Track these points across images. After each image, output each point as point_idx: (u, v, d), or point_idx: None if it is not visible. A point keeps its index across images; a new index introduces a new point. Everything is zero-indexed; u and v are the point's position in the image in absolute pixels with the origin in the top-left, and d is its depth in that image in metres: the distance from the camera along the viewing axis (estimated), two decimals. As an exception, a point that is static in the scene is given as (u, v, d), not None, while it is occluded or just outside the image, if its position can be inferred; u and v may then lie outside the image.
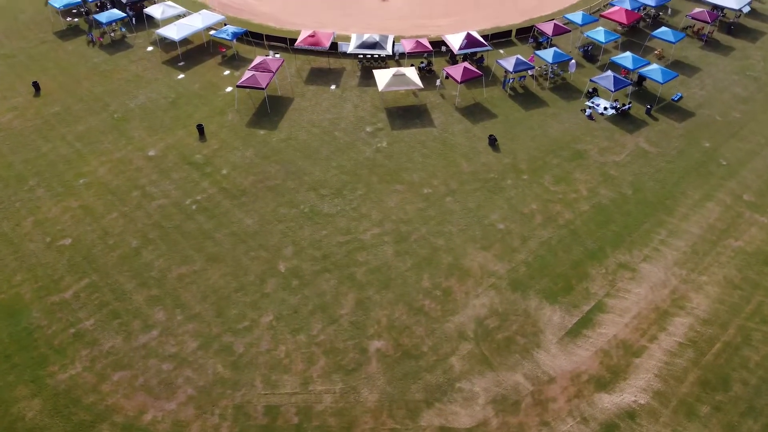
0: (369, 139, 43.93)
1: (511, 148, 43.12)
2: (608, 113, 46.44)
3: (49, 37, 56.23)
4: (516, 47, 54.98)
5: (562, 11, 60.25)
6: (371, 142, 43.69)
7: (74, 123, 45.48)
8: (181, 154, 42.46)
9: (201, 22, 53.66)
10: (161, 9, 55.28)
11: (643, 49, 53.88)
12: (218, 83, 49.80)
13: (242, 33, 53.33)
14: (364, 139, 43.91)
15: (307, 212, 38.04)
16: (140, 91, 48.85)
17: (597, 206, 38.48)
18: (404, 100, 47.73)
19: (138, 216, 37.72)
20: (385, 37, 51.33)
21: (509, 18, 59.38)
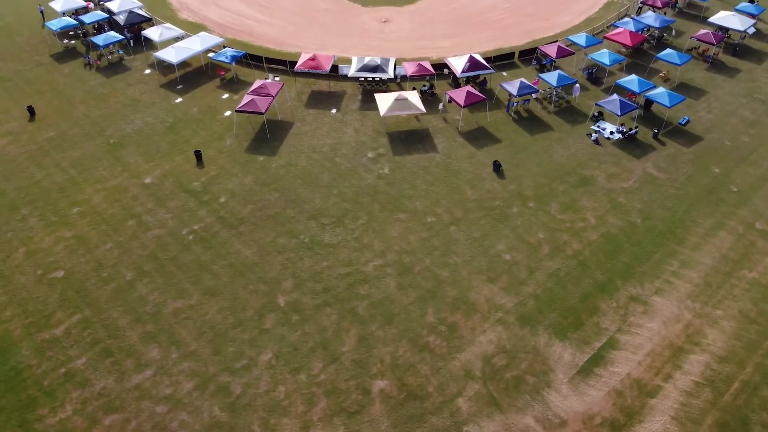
0: (370, 165, 42.93)
1: (517, 174, 42.12)
2: (615, 138, 45.53)
3: (46, 59, 55.43)
4: (519, 69, 54.22)
5: (565, 33, 59.59)
6: (373, 168, 42.69)
7: (69, 149, 44.48)
8: (177, 182, 41.42)
9: (200, 44, 52.89)
10: (159, 31, 54.53)
11: (648, 71, 53.12)
12: (217, 107, 48.90)
13: (241, 56, 52.54)
14: (365, 165, 42.92)
15: (308, 242, 36.92)
16: (137, 116, 47.92)
17: (606, 235, 37.39)
18: (406, 125, 46.82)
19: (133, 247, 36.58)
20: (386, 59, 50.55)
21: (512, 39, 58.69)
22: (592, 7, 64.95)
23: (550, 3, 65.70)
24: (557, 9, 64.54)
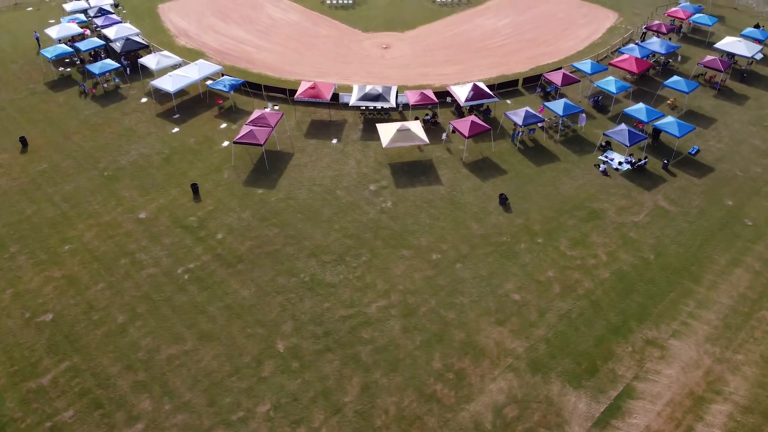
0: (373, 199, 41.59)
1: (524, 208, 40.77)
2: (623, 168, 44.28)
3: (40, 87, 54.32)
4: (523, 97, 53.15)
5: (569, 59, 58.68)
6: (375, 201, 41.33)
7: (62, 182, 43.13)
8: (173, 217, 40.00)
9: (197, 72, 51.83)
10: (156, 59, 53.50)
11: (655, 98, 52.07)
12: (214, 137, 47.67)
13: (240, 84, 51.45)
14: (367, 199, 41.57)
15: (308, 282, 35.42)
16: (132, 147, 46.66)
17: (618, 273, 35.93)
18: (409, 155, 45.57)
19: (126, 287, 35.05)
20: (388, 88, 49.45)
21: (515, 66, 57.75)
22: (595, 32, 64.17)
23: (553, 28, 64.94)
24: (560, 34, 63.75)
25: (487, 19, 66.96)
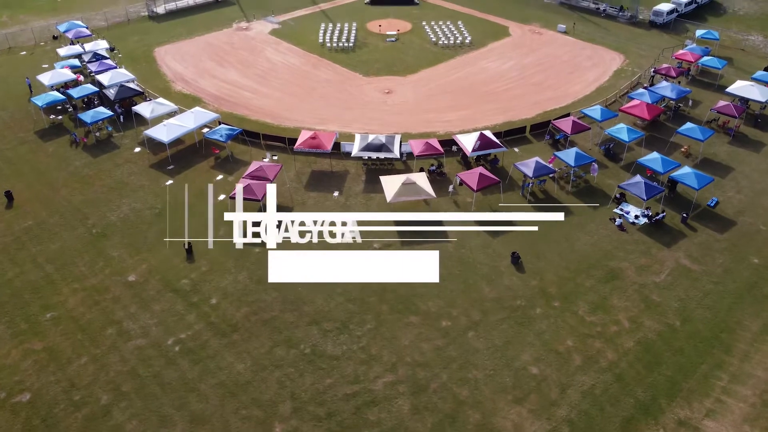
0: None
1: (538, 267, 38.37)
2: (640, 222, 42.03)
3: (30, 136, 52.28)
4: (532, 145, 51.22)
5: (577, 104, 57.01)
6: (380, 261, 38.93)
7: (47, 240, 40.70)
8: (164, 279, 37.49)
9: (193, 121, 49.91)
10: (151, 107, 51.62)
11: (668, 146, 50.16)
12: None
13: (237, 133, 49.47)
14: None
15: (308, 354, 32.76)
16: (123, 201, 44.37)
17: (643, 342, 33.35)
18: (414, 209, 43.31)
19: (111, 361, 32.33)
20: (391, 137, 47.53)
21: (522, 112, 55.98)
22: (602, 75, 62.70)
23: (559, 71, 63.49)
24: (566, 78, 62.25)
25: (490, 62, 65.56)
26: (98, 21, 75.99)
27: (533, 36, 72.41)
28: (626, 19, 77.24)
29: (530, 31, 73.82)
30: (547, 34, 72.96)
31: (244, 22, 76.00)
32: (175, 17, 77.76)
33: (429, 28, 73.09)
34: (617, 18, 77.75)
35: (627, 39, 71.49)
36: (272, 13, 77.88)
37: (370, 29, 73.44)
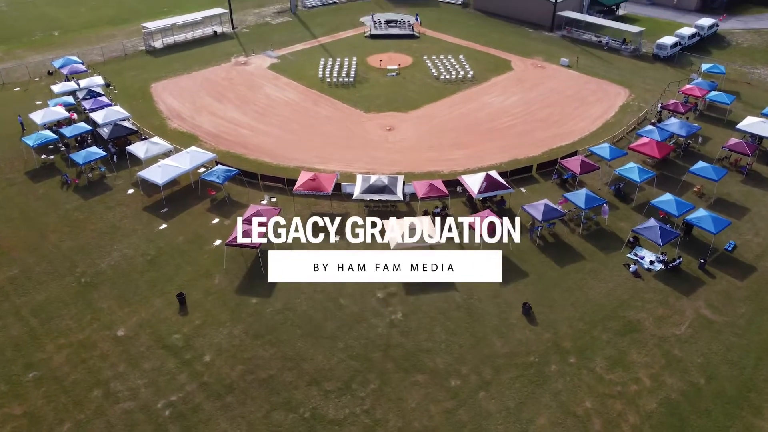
0: (381, 309, 37.13)
1: (550, 319, 36.32)
2: (656, 269, 40.12)
3: (20, 177, 50.54)
4: (539, 184, 49.56)
5: (584, 141, 55.54)
6: (383, 312, 36.86)
7: (33, 290, 38.62)
8: (155, 334, 35.35)
9: (189, 161, 48.25)
10: (145, 147, 49.99)
11: (680, 185, 48.52)
12: (205, 235, 43.55)
13: (234, 174, 47.76)
14: (375, 309, 37.11)
15: (308, 418, 30.51)
16: (115, 247, 42.42)
17: (666, 403, 31.16)
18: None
19: (95, 428, 30.03)
20: (394, 178, 45.87)
21: (527, 149, 54.45)
22: (607, 111, 61.40)
23: (563, 107, 62.20)
24: (571, 113, 60.93)
25: (493, 98, 64.32)
26: (95, 56, 74.95)
27: (536, 70, 71.38)
28: (629, 52, 76.39)
29: (533, 64, 72.83)
30: (550, 67, 71.95)
31: (242, 56, 74.99)
32: (173, 51, 76.76)
33: (430, 62, 72.09)
34: (620, 51, 76.90)
35: (631, 73, 70.48)
36: (271, 48, 76.96)
37: (370, 63, 72.42)
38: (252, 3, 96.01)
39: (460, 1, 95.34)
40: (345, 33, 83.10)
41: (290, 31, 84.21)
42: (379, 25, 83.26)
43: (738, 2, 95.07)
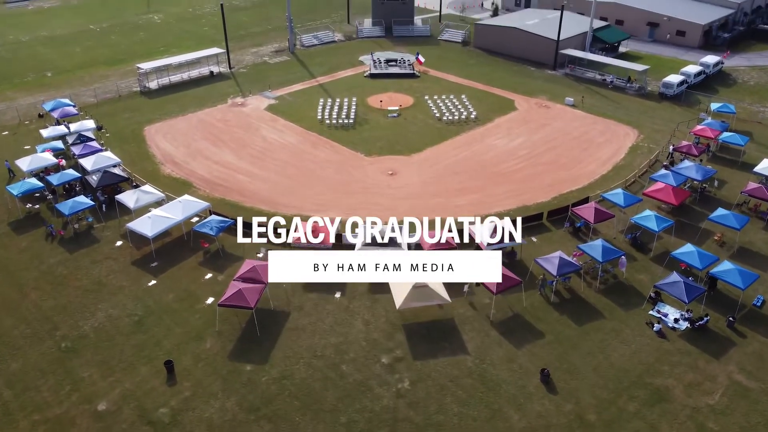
0: (386, 376, 34.14)
1: (572, 387, 33.34)
2: (681, 327, 37.32)
3: (2, 228, 47.86)
4: (550, 233, 47.02)
5: (594, 185, 53.23)
6: (389, 380, 33.86)
7: (9, 357, 35.59)
8: (140, 407, 32.24)
9: (181, 211, 45.73)
10: (135, 196, 47.49)
11: (699, 233, 46.04)
12: (197, 292, 40.75)
13: (229, 225, 45.17)
14: (380, 376, 34.11)
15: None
16: (99, 306, 39.54)
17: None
18: (426, 314, 38.54)
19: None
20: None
21: (536, 194, 52.08)
22: (616, 153, 59.28)
23: (570, 149, 60.10)
24: (579, 156, 58.79)
25: (498, 139, 62.27)
26: (88, 97, 73.07)
27: (541, 110, 69.58)
28: (635, 91, 74.80)
29: (537, 104, 71.08)
30: (554, 107, 70.18)
31: (239, 97, 73.19)
32: (168, 92, 74.94)
33: (432, 103, 70.30)
34: (625, 90, 75.30)
35: (638, 112, 68.68)
36: (269, 88, 75.26)
37: (370, 104, 70.60)
38: (250, 42, 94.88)
39: (460, 40, 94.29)
40: (344, 72, 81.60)
41: (288, 70, 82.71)
42: (379, 64, 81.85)
43: (740, 39, 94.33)
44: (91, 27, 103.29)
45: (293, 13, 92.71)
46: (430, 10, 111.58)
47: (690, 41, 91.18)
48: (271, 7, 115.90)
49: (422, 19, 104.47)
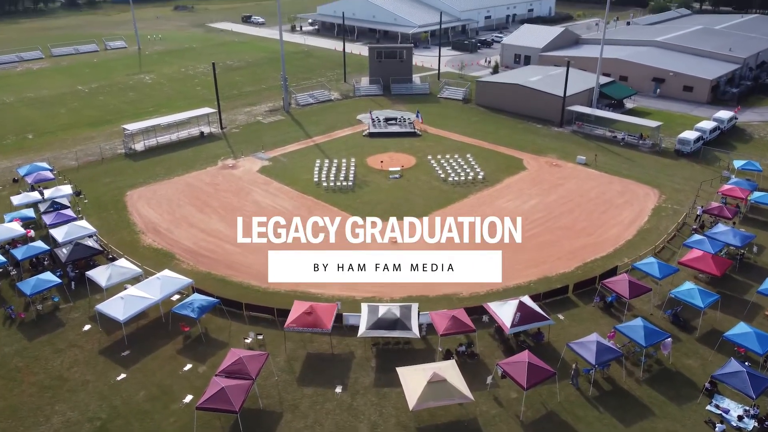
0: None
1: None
2: (748, 427, 31.45)
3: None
4: (578, 309, 41.57)
5: (621, 252, 48.16)
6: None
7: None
8: None
9: (159, 290, 40.22)
10: (108, 273, 42.04)
11: (748, 308, 40.72)
12: (173, 388, 34.74)
13: (213, 305, 39.61)
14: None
15: None
16: (57, 408, 33.39)
17: None
18: (444, 413, 32.60)
19: None
20: (407, 308, 37.88)
21: (557, 264, 46.86)
22: (639, 215, 54.49)
23: (588, 212, 55.29)
24: (598, 218, 53.95)
25: (509, 201, 57.52)
26: (68, 160, 68.45)
27: (552, 169, 65.26)
28: (648, 148, 70.87)
29: (547, 163, 66.83)
30: (566, 166, 65.91)
31: (230, 159, 68.71)
32: (155, 154, 70.43)
33: (436, 162, 65.95)
34: (639, 147, 71.39)
35: (656, 170, 64.42)
36: (262, 149, 70.93)
37: (370, 165, 66.15)
38: (243, 101, 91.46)
39: (461, 97, 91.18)
40: (342, 132, 77.62)
41: (283, 130, 78.69)
42: (378, 123, 78.04)
43: (748, 94, 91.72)
44: (79, 88, 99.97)
45: (288, 71, 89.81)
46: (428, 68, 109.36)
47: (698, 96, 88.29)
48: (265, 66, 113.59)
49: (420, 76, 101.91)
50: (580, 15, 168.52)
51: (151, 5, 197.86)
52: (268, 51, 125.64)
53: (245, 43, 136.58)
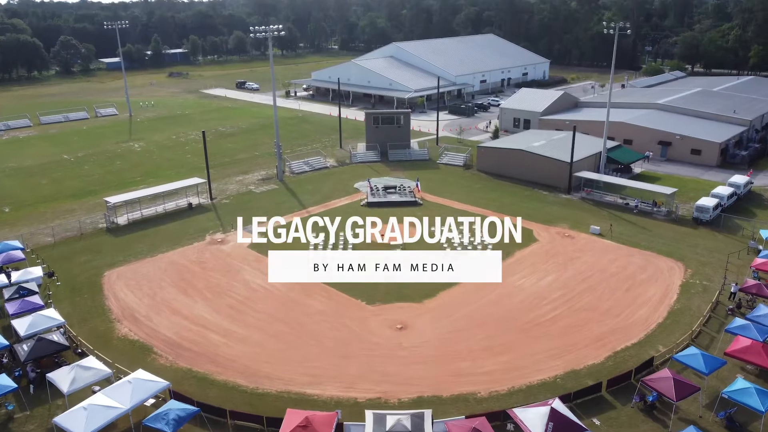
0: None
1: None
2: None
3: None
4: (614, 411, 36.09)
5: (653, 338, 43.07)
6: None
7: None
8: None
9: (129, 397, 34.55)
10: (72, 375, 36.39)
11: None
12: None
13: (192, 415, 33.92)
14: None
15: None
16: None
17: None
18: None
19: None
20: (420, 418, 32.39)
21: (584, 354, 41.61)
22: (667, 293, 49.65)
23: (611, 289, 50.41)
24: (623, 298, 49.02)
25: (523, 278, 52.61)
26: (44, 236, 63.52)
27: (564, 240, 60.77)
28: (664, 216, 66.81)
29: (559, 234, 62.40)
30: (579, 237, 61.48)
31: (219, 233, 63.99)
32: (139, 228, 65.66)
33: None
34: (653, 215, 67.34)
35: (675, 241, 60.04)
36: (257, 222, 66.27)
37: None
38: (235, 170, 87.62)
39: (462, 163, 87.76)
40: (338, 201, 73.35)
41: (276, 200, 74.36)
42: (377, 191, 73.98)
43: (758, 156, 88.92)
44: (64, 157, 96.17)
45: (282, 137, 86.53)
46: (425, 132, 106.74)
47: (707, 160, 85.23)
48: (259, 132, 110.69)
49: (418, 142, 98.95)
50: (575, 78, 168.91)
51: (146, 72, 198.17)
52: (261, 117, 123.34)
53: (239, 109, 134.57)
